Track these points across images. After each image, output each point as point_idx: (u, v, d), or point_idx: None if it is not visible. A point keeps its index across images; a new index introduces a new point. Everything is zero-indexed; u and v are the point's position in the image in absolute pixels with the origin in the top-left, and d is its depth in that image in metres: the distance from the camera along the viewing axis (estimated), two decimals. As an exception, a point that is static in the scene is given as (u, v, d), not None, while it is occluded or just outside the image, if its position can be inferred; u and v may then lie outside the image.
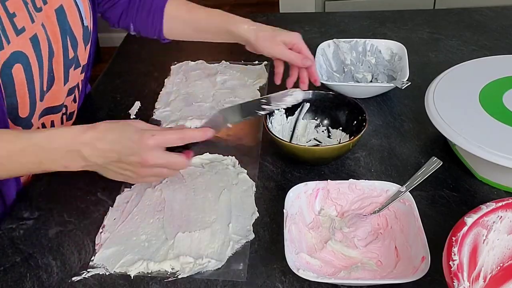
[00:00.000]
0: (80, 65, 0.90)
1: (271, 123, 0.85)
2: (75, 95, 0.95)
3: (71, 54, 0.85)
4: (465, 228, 0.54)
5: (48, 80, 0.81)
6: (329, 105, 0.88)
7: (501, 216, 0.56)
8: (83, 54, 0.90)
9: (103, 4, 1.00)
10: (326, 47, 1.06)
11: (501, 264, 0.58)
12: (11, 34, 0.72)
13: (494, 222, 0.56)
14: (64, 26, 0.83)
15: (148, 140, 0.69)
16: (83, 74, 0.95)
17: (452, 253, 0.52)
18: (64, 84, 0.87)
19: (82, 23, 0.87)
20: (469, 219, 0.55)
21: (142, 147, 0.69)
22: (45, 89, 0.82)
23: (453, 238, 0.52)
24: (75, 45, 0.86)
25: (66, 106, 0.92)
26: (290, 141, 0.87)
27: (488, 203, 0.56)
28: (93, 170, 0.72)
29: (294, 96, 0.82)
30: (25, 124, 0.80)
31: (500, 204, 0.56)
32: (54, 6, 0.81)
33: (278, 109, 0.86)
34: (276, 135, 0.81)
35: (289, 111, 0.88)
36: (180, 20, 1.00)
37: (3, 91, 0.73)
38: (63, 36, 0.82)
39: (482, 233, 0.56)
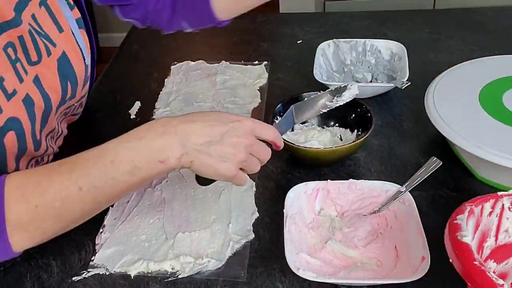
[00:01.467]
0: (75, 96, 0.81)
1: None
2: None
3: (68, 95, 0.78)
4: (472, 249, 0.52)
5: (40, 128, 0.74)
6: (340, 106, 0.88)
7: (467, 227, 0.55)
8: (80, 91, 0.82)
9: (150, 18, 0.93)
10: (326, 47, 1.06)
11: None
12: (2, 100, 0.65)
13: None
14: (67, 72, 0.77)
15: (247, 120, 0.64)
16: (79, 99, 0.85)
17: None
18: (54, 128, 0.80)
19: (84, 62, 0.80)
20: (467, 238, 0.53)
21: (243, 125, 0.62)
22: (38, 138, 0.74)
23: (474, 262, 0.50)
24: (74, 87, 0.79)
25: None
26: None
27: (458, 216, 0.55)
28: (189, 164, 0.61)
29: (351, 90, 0.76)
30: None
31: (466, 214, 0.55)
32: (57, 56, 0.75)
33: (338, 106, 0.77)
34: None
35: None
36: None
37: None
38: (63, 83, 0.76)
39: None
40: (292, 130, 0.89)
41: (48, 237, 0.61)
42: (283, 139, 0.78)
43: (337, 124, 0.89)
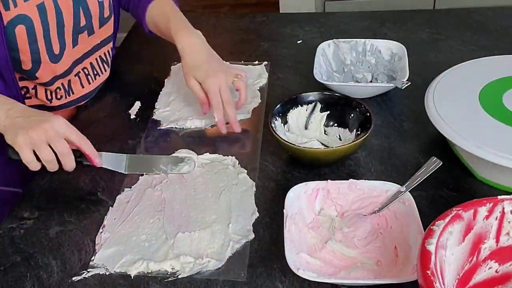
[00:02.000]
0: (93, 32, 0.98)
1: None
2: (105, 60, 1.05)
3: (83, 23, 0.95)
4: (432, 257, 0.52)
5: (60, 45, 0.92)
6: (334, 105, 0.88)
7: (451, 231, 0.55)
8: (98, 29, 0.99)
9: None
10: (326, 47, 1.06)
11: (458, 277, 0.58)
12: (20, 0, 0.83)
13: (447, 239, 0.55)
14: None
15: (60, 119, 0.76)
16: (100, 42, 1.02)
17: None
18: (73, 47, 0.96)
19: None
20: (431, 246, 0.53)
21: (52, 120, 0.75)
22: (56, 52, 0.92)
23: (427, 271, 0.51)
24: (88, 18, 0.95)
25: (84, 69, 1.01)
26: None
27: (437, 222, 0.55)
28: (3, 127, 0.75)
29: (188, 167, 0.84)
30: (29, 75, 0.92)
31: (447, 219, 0.55)
32: None
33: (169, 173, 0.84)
34: (280, 135, 0.81)
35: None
36: (153, 13, 1.01)
37: (7, 44, 0.84)
38: (75, 6, 0.92)
39: (443, 255, 0.54)
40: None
41: None
42: (283, 139, 0.79)
43: (336, 124, 0.89)
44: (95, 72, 1.04)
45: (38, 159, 0.75)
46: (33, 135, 0.73)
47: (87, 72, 1.03)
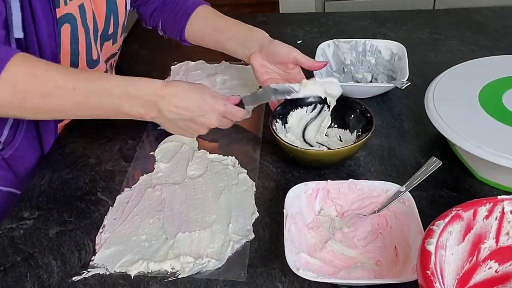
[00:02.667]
0: (117, 40, 1.00)
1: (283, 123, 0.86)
2: (112, 66, 1.05)
3: (110, 30, 0.95)
4: (432, 257, 0.52)
5: (98, 50, 0.92)
6: (338, 107, 0.88)
7: (451, 231, 0.55)
8: (119, 36, 1.00)
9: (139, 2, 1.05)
10: (326, 47, 1.06)
11: (458, 276, 0.58)
12: None
13: (447, 239, 0.55)
14: (112, 6, 0.93)
15: (220, 107, 0.80)
16: (117, 50, 1.04)
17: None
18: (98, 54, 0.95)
19: (126, 7, 0.97)
20: (431, 246, 0.52)
21: (214, 111, 0.80)
22: (95, 58, 0.92)
23: (427, 271, 0.50)
24: (117, 24, 0.96)
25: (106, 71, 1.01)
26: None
27: (437, 222, 0.55)
28: (160, 123, 0.81)
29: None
30: None
31: (447, 219, 0.55)
32: None
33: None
34: (280, 135, 0.81)
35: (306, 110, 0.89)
36: (203, 20, 1.00)
37: (59, 40, 0.82)
38: (107, 14, 0.92)
39: (442, 255, 0.54)
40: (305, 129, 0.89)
41: (22, 104, 0.70)
42: (285, 142, 0.79)
43: (335, 125, 0.88)
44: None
45: None
46: (201, 133, 0.83)
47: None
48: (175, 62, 1.15)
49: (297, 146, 0.80)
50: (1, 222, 0.79)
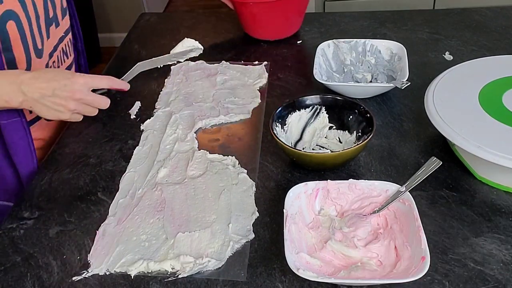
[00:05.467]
0: (59, 24, 1.02)
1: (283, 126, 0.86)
2: (65, 51, 1.07)
3: (51, 13, 0.98)
4: None
5: (40, 38, 0.94)
6: (336, 109, 0.88)
7: None
8: (60, 13, 1.03)
9: None
10: (326, 47, 1.06)
11: None
12: None
13: None
14: None
15: (79, 78, 0.86)
16: (64, 33, 1.06)
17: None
18: (47, 40, 0.98)
19: None
20: None
21: (73, 83, 0.85)
22: (40, 47, 0.94)
23: None
24: (54, 5, 0.99)
25: (54, 62, 1.02)
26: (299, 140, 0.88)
27: None
28: (29, 107, 0.84)
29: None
30: None
31: None
32: None
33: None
34: (280, 139, 0.81)
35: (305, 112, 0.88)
36: None
37: (0, 45, 0.85)
38: None
39: None
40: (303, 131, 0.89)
41: None
42: (288, 146, 0.78)
43: (334, 127, 0.88)
44: (59, 65, 1.05)
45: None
46: (70, 108, 0.86)
47: (55, 66, 1.04)
48: (175, 62, 1.15)
49: (300, 150, 0.79)
50: (1, 222, 0.79)
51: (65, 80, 0.84)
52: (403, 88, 0.91)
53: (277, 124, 0.85)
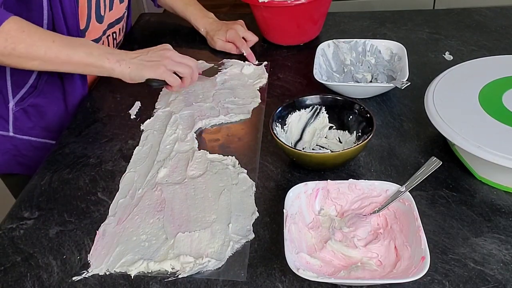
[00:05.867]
0: (118, 5, 1.13)
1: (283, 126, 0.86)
2: (115, 37, 1.17)
3: None
4: None
5: (104, 6, 1.06)
6: (336, 109, 0.87)
7: None
8: (119, 4, 1.13)
9: None
10: (326, 47, 1.06)
11: None
12: None
13: None
14: None
15: (169, 50, 0.96)
16: (126, 8, 1.19)
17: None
18: (109, 11, 1.09)
19: None
20: None
21: (165, 50, 0.96)
22: (102, 13, 1.06)
23: None
24: None
25: (108, 37, 1.13)
26: (298, 141, 0.88)
27: None
28: (128, 67, 0.92)
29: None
30: (81, 36, 1.02)
31: None
32: None
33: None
34: (280, 139, 0.81)
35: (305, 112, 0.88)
36: None
37: None
38: None
39: None
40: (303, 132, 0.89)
41: (11, 53, 0.86)
42: (288, 146, 0.78)
43: (334, 127, 0.88)
44: (115, 43, 1.17)
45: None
46: (167, 65, 0.94)
47: (111, 40, 1.14)
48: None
49: (300, 150, 0.79)
50: (43, 159, 0.82)
51: (157, 50, 0.96)
52: (403, 88, 0.91)
53: (277, 124, 0.85)
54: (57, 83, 1.04)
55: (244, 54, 1.15)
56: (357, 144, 0.77)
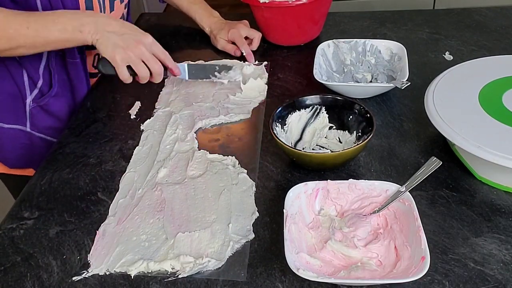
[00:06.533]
0: (118, 4, 1.11)
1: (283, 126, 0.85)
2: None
3: None
4: None
5: (110, 7, 1.06)
6: (336, 109, 0.87)
7: None
8: None
9: None
10: (326, 47, 1.06)
11: None
12: None
13: None
14: None
15: (149, 37, 0.91)
16: (125, 6, 1.16)
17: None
18: (110, 12, 1.08)
19: None
20: None
21: (144, 36, 0.90)
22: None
23: None
24: None
25: None
26: (298, 141, 0.88)
27: None
28: (96, 40, 0.88)
29: (234, 72, 1.05)
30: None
31: None
32: None
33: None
34: (280, 139, 0.80)
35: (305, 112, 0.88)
36: None
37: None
38: None
39: None
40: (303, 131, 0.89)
41: None
42: (288, 146, 0.78)
43: (334, 127, 0.88)
44: None
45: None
46: (131, 55, 0.88)
47: None
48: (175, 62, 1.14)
49: (300, 150, 0.79)
50: (46, 155, 0.83)
51: (137, 32, 0.91)
52: (403, 88, 0.91)
53: (277, 124, 0.85)
54: (67, 86, 1.05)
55: (244, 54, 1.14)
56: (357, 144, 0.77)
